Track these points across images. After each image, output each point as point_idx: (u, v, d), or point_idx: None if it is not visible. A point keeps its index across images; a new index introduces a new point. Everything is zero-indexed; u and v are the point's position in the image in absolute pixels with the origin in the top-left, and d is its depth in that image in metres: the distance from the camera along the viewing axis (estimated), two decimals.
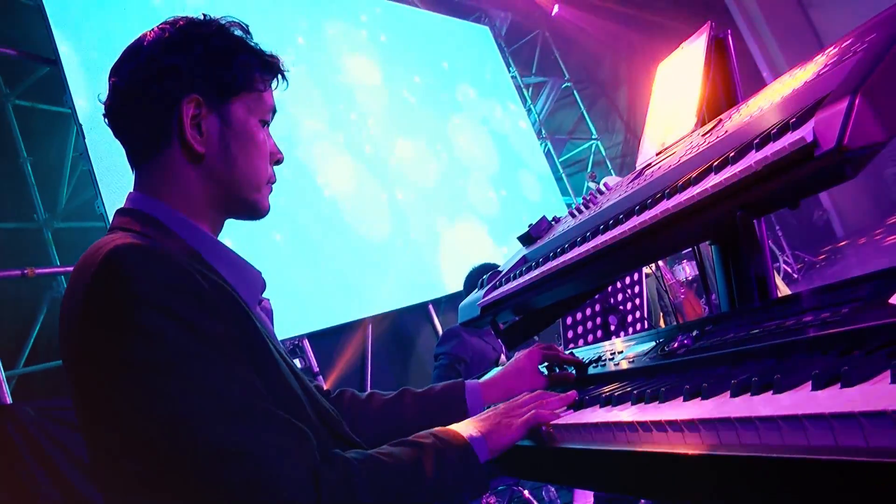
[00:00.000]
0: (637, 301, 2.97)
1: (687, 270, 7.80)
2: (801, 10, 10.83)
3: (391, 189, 6.53)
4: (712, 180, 0.92)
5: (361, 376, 5.88)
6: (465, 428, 1.08)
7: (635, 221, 1.08)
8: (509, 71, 9.63)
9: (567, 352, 1.52)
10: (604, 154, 10.87)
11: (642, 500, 2.42)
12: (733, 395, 0.75)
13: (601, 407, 0.99)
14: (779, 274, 8.24)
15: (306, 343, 5.20)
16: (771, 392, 0.70)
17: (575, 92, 10.90)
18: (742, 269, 1.22)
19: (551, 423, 1.05)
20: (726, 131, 1.10)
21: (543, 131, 9.88)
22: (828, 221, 10.36)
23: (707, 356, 0.98)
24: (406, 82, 7.41)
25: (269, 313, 1.21)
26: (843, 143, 0.73)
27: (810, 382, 0.66)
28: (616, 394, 0.98)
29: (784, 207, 0.86)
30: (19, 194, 4.93)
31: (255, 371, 0.95)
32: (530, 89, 10.36)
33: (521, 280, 1.50)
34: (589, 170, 10.28)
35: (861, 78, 0.76)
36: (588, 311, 2.89)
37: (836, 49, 0.98)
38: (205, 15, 1.14)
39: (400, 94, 7.26)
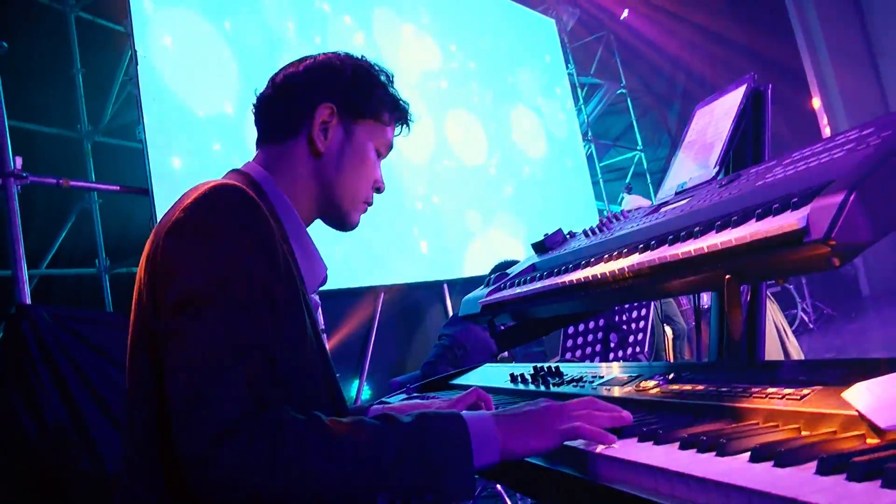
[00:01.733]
0: (641, 323, 3.01)
1: (704, 298, 7.78)
2: (869, 55, 10.60)
3: (430, 167, 6.58)
4: (709, 240, 0.96)
5: (364, 342, 5.98)
6: (475, 414, 0.99)
7: (634, 261, 1.13)
8: (567, 68, 9.57)
9: (554, 365, 1.57)
10: (645, 167, 10.80)
11: None
12: (681, 448, 0.80)
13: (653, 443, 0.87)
14: (794, 322, 8.18)
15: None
16: (714, 454, 0.75)
17: (629, 100, 10.81)
18: (729, 328, 1.25)
19: (599, 451, 0.90)
20: (740, 190, 1.13)
21: (590, 133, 9.83)
22: (855, 276, 10.23)
23: (679, 402, 1.02)
24: (462, 65, 7.42)
25: (316, 306, 1.31)
26: (830, 237, 0.77)
27: (749, 454, 0.70)
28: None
29: (771, 280, 0.89)
30: (67, 103, 5.05)
31: (279, 333, 1.01)
32: (585, 89, 10.29)
33: (523, 289, 1.55)
34: (628, 180, 10.23)
35: (860, 176, 0.79)
36: (591, 325, 2.93)
37: (858, 134, 1.01)
38: (364, 56, 1.35)
39: (456, 68, 7.28)
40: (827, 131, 10.12)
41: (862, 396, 0.70)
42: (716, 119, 1.54)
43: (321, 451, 0.90)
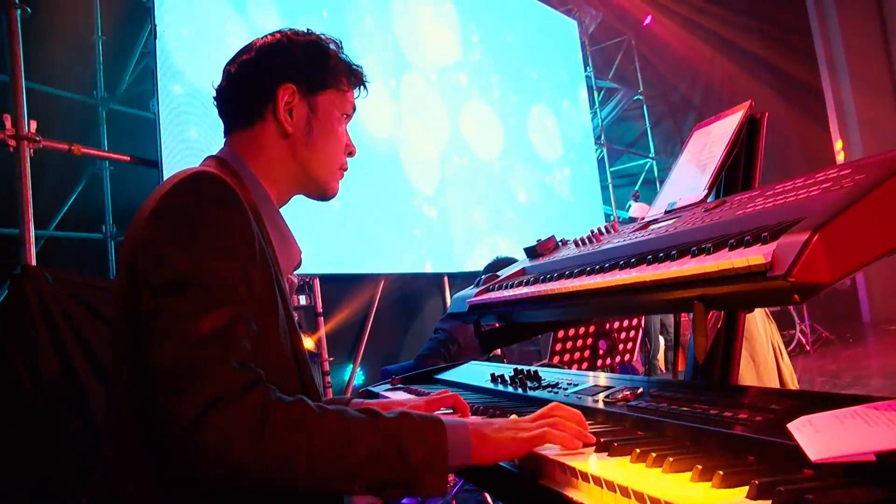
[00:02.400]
0: (632, 333, 3.04)
1: None
2: (892, 84, 10.55)
3: (440, 158, 6.60)
4: (683, 265, 1.00)
5: (360, 328, 6.03)
6: (454, 420, 1.04)
7: (613, 277, 1.16)
8: (585, 70, 9.57)
9: (534, 369, 1.60)
10: (656, 175, 10.80)
11: None
12: (632, 461, 0.84)
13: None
14: (790, 343, 8.18)
15: (317, 283, 5.34)
16: (661, 470, 0.79)
17: (644, 107, 10.80)
18: (695, 351, 1.28)
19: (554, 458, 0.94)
20: (721, 216, 1.17)
21: (603, 137, 9.83)
22: (857, 302, 10.22)
23: (641, 416, 1.06)
24: (482, 58, 7.44)
25: (292, 286, 1.35)
26: (791, 275, 0.80)
27: (691, 473, 0.74)
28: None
29: (737, 309, 0.93)
30: (85, 70, 5.10)
31: (259, 320, 1.07)
32: (602, 93, 10.29)
33: (509, 293, 1.59)
34: (637, 187, 10.23)
35: (827, 218, 0.83)
36: (581, 330, 2.97)
37: (837, 174, 1.04)
38: (308, 29, 1.40)
39: (472, 68, 7.29)
40: (841, 157, 10.10)
41: (802, 429, 0.73)
42: (711, 142, 1.56)
43: (304, 434, 0.94)
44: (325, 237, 5.26)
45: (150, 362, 0.99)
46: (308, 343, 4.79)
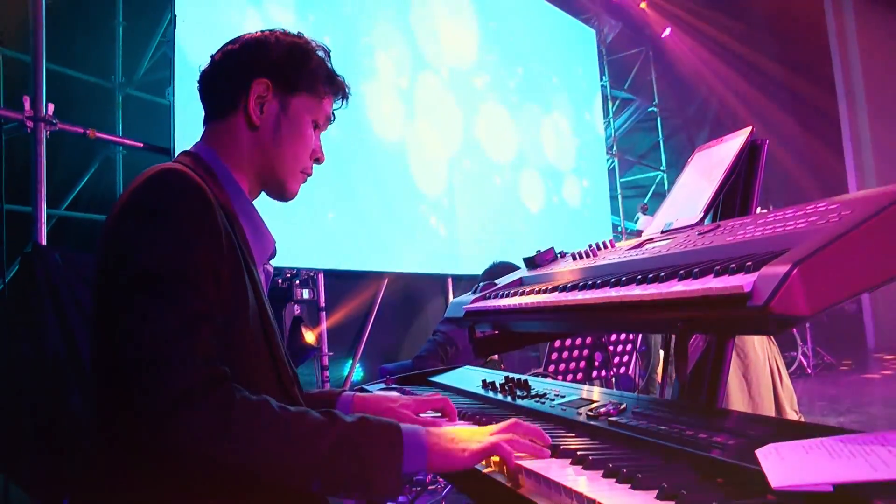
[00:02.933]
0: (628, 346, 3.06)
1: None
2: None
3: (448, 160, 6.62)
4: (670, 287, 1.02)
5: (362, 325, 6.07)
6: (412, 430, 1.08)
7: (604, 294, 1.19)
8: (601, 79, 9.58)
9: (524, 378, 1.63)
10: (666, 188, 10.80)
11: None
12: (604, 476, 0.86)
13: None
14: (791, 365, 8.16)
15: (321, 277, 5.38)
16: (629, 486, 0.81)
17: (658, 119, 10.81)
18: (677, 372, 1.31)
19: (522, 464, 0.98)
20: (713, 241, 1.19)
21: (615, 147, 9.84)
22: (862, 327, 10.17)
23: (619, 432, 1.09)
24: (499, 61, 7.46)
25: (269, 276, 1.41)
26: (769, 305, 0.82)
27: (657, 491, 0.77)
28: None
29: (717, 335, 0.95)
30: (105, 54, 5.17)
31: (229, 313, 1.13)
32: (616, 103, 10.30)
33: (504, 302, 1.62)
34: (646, 200, 10.24)
35: (809, 252, 0.85)
36: (578, 341, 2.99)
37: (825, 207, 1.07)
38: (300, 33, 1.43)
39: (487, 72, 7.32)
40: (852, 185, 10.06)
41: (769, 456, 0.76)
42: (711, 164, 1.59)
43: (266, 431, 1.01)
44: (332, 232, 5.30)
45: (118, 358, 1.03)
46: (309, 337, 4.82)
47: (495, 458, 1.02)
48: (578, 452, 0.97)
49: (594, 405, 1.28)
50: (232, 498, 1.08)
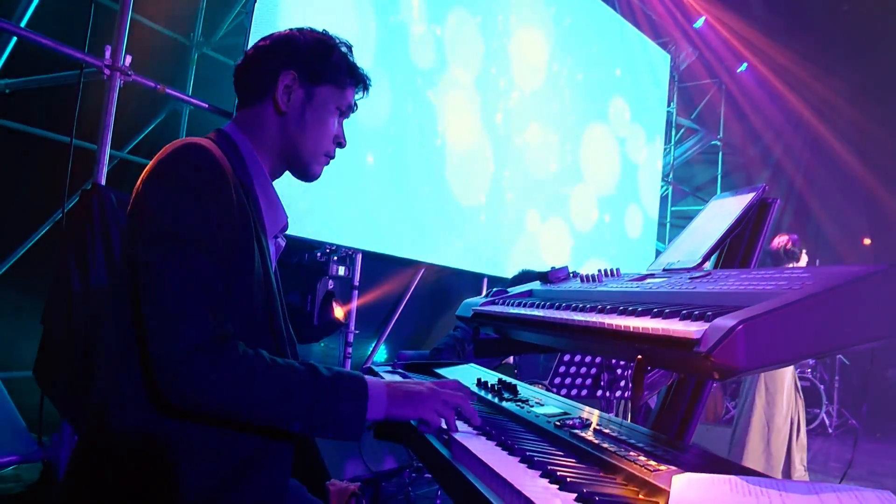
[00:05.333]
0: None
1: None
2: None
3: (502, 165, 6.70)
4: (642, 321, 1.13)
5: (390, 311, 6.21)
6: (375, 382, 1.30)
7: (588, 318, 1.29)
8: (669, 105, 9.53)
9: (514, 382, 1.74)
10: None
11: None
12: (542, 476, 0.98)
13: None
14: (813, 421, 8.03)
15: (359, 257, 5.53)
16: (557, 487, 0.92)
17: (720, 153, 10.70)
18: (632, 400, 1.40)
19: (455, 436, 1.22)
20: (696, 287, 1.29)
21: (671, 175, 9.78)
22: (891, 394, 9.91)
23: (569, 442, 1.19)
24: (567, 73, 7.49)
25: (279, 248, 1.58)
26: (710, 354, 0.92)
27: (576, 495, 0.88)
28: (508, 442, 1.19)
29: (672, 371, 1.05)
30: (186, 14, 5.39)
31: (234, 275, 1.29)
32: (681, 131, 10.23)
33: (507, 310, 1.73)
34: None
35: (759, 313, 0.94)
36: (588, 359, 3.07)
37: (798, 275, 1.15)
38: (325, 31, 1.59)
39: (556, 82, 7.36)
40: None
41: (678, 484, 0.86)
42: (721, 214, 1.67)
43: (261, 382, 1.21)
44: (376, 215, 5.41)
45: (141, 306, 1.20)
46: (338, 312, 4.99)
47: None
48: (527, 452, 1.08)
49: (565, 418, 1.38)
50: (221, 432, 1.27)
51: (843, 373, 8.90)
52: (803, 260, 4.72)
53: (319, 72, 1.51)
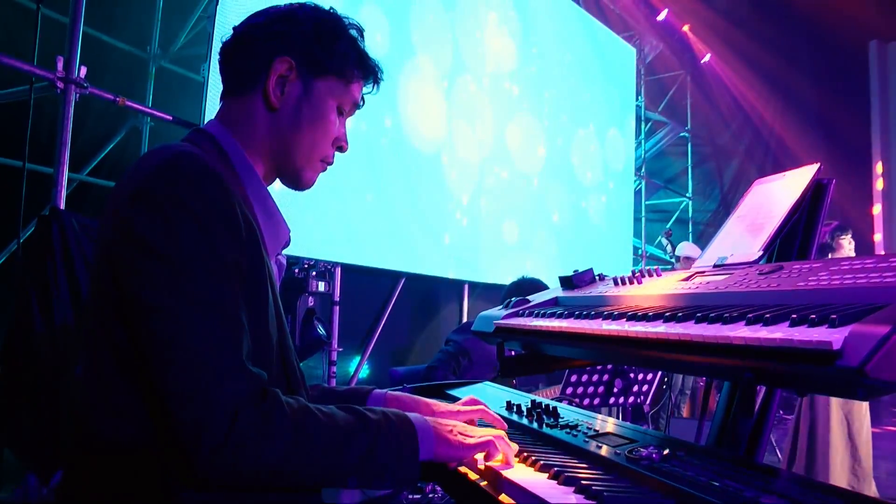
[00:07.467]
0: (649, 376, 2.96)
1: None
2: None
3: (477, 168, 6.53)
4: (738, 331, 0.93)
5: (374, 323, 5.99)
6: (420, 420, 1.12)
7: (660, 330, 1.10)
8: (637, 99, 9.47)
9: (553, 404, 1.54)
10: (690, 215, 10.66)
11: None
12: None
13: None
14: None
15: (338, 271, 5.30)
16: None
17: (689, 144, 10.68)
18: (736, 426, 1.22)
19: (501, 472, 1.06)
20: (779, 285, 1.10)
21: (643, 170, 9.72)
22: None
23: (661, 480, 1.00)
24: (537, 72, 7.37)
25: (282, 268, 1.33)
26: (865, 369, 0.73)
27: None
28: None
29: (791, 391, 0.86)
30: (143, 23, 5.12)
31: (245, 304, 1.05)
32: (649, 124, 10.18)
33: (539, 322, 1.53)
34: (669, 225, 10.10)
35: None
36: (599, 366, 2.90)
37: None
38: (332, 8, 1.30)
39: (531, 74, 7.23)
40: (877, 238, 9.84)
41: None
42: (772, 200, 1.50)
43: (309, 441, 1.00)
44: (353, 226, 5.21)
45: (154, 363, 0.96)
46: (321, 330, 4.75)
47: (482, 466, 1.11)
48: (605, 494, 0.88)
49: (633, 446, 1.18)
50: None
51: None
52: (847, 249, 4.21)
53: (322, 61, 1.24)
